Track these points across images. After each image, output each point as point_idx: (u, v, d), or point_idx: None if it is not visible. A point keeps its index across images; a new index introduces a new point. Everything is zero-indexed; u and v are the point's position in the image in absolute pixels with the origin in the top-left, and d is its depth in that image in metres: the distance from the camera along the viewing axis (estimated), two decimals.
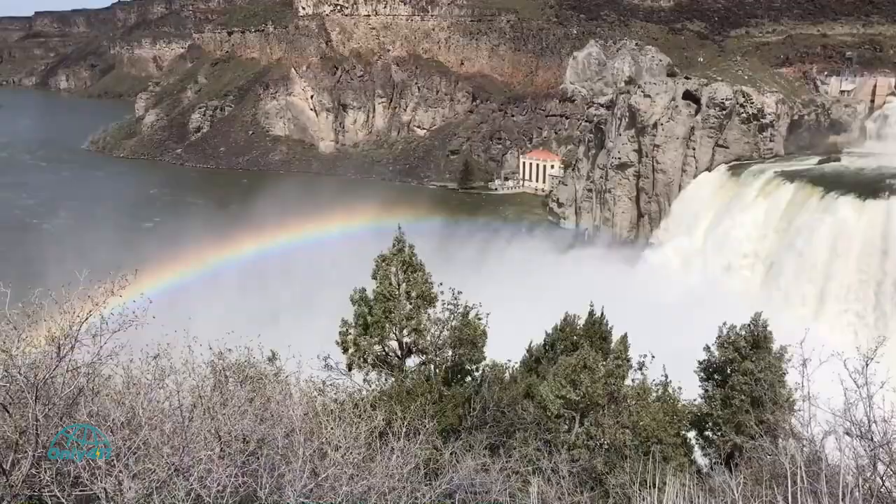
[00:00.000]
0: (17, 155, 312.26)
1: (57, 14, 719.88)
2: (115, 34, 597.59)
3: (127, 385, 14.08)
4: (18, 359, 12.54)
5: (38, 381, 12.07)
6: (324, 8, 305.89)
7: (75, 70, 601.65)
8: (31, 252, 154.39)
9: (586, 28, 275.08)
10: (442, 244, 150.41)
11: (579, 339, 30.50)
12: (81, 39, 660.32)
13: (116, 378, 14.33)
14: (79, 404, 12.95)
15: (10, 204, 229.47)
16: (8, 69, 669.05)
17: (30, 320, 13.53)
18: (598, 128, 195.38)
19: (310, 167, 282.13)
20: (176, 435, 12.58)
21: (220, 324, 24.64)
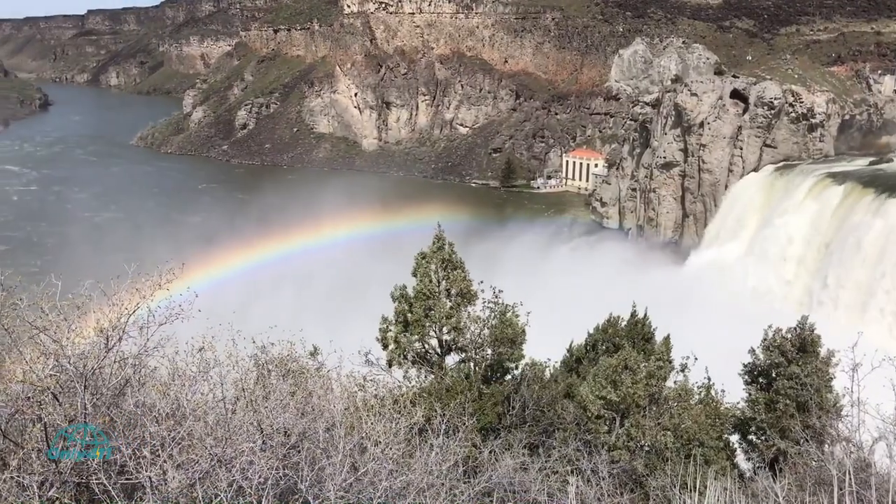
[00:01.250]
0: (69, 150, 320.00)
1: (108, 12, 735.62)
2: (164, 32, 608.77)
3: (172, 377, 14.34)
4: (68, 349, 12.85)
5: (86, 371, 12.36)
6: (369, 6, 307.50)
7: (125, 67, 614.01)
8: (82, 245, 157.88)
9: (632, 26, 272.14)
10: (483, 242, 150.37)
11: (621, 339, 30.24)
12: (132, 37, 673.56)
13: (162, 369, 14.60)
14: (125, 394, 13.24)
15: (63, 197, 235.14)
16: (61, 66, 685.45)
17: (79, 312, 13.85)
18: (643, 126, 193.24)
19: (353, 164, 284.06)
20: (219, 426, 12.78)
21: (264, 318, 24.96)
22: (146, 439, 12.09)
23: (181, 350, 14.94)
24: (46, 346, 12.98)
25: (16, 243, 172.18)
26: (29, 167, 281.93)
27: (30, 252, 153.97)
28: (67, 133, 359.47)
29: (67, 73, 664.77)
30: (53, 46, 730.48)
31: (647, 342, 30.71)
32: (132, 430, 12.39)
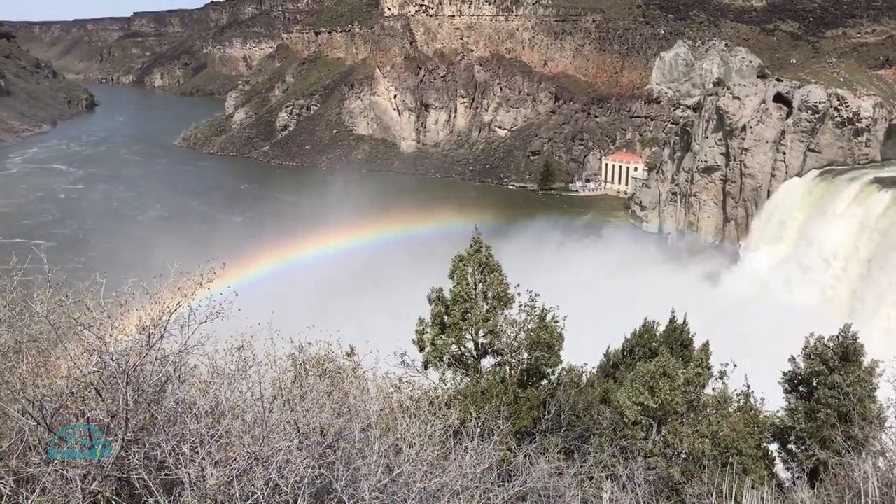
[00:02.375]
0: (114, 149, 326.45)
1: (153, 14, 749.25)
2: (207, 34, 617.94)
3: (212, 375, 14.54)
4: (111, 346, 13.11)
5: (128, 367, 12.60)
6: (409, 8, 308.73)
7: (169, 68, 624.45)
8: (126, 243, 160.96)
9: (674, 28, 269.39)
10: (520, 245, 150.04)
11: (659, 345, 29.95)
12: (176, 39, 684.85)
13: (202, 367, 14.81)
14: (166, 391, 13.47)
15: (108, 196, 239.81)
16: (107, 67, 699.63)
17: (123, 309, 14.13)
18: (684, 130, 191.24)
19: (391, 166, 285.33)
20: (257, 425, 12.94)
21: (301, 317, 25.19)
22: (186, 436, 12.29)
23: (220, 348, 15.15)
24: (90, 342, 13.26)
25: (61, 240, 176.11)
26: (76, 166, 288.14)
27: (74, 249, 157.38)
28: (113, 133, 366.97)
29: (113, 75, 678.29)
30: (100, 48, 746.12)
31: (685, 348, 30.38)
32: (172, 427, 12.60)
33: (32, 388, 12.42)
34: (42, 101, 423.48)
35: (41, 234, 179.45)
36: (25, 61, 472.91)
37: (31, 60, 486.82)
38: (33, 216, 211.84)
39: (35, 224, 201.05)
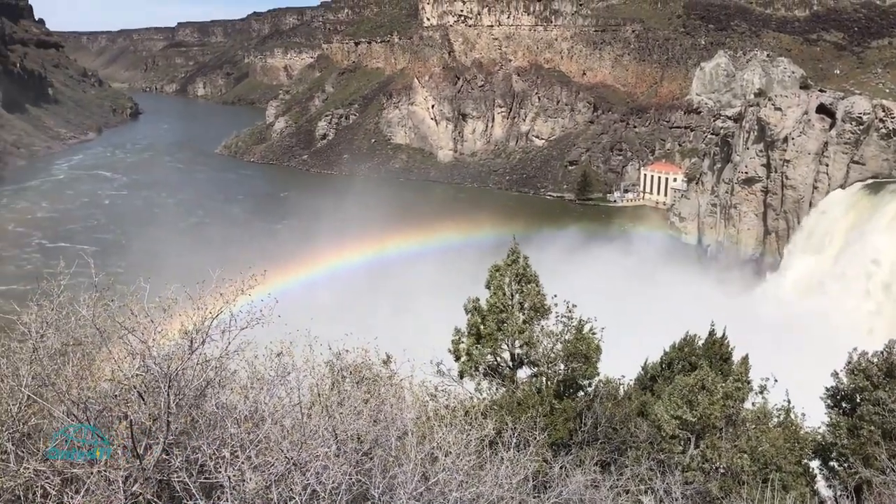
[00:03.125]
0: (157, 157, 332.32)
1: (197, 24, 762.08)
2: (249, 44, 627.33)
3: (251, 380, 14.72)
4: (154, 350, 13.36)
5: (171, 371, 12.81)
6: (448, 19, 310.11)
7: (212, 78, 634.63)
8: (169, 248, 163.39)
9: (715, 38, 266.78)
10: (557, 256, 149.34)
11: (698, 358, 29.62)
12: (218, 49, 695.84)
13: (242, 373, 15.00)
14: (207, 396, 13.66)
15: (152, 202, 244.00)
16: (151, 76, 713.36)
17: (166, 314, 14.39)
18: (725, 141, 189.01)
19: (428, 175, 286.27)
20: (295, 431, 13.06)
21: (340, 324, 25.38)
22: (226, 440, 12.45)
23: (260, 354, 15.33)
24: (134, 346, 13.53)
25: (106, 245, 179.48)
26: (120, 172, 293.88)
27: (118, 254, 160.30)
28: (156, 141, 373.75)
29: (157, 83, 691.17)
30: (145, 57, 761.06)
31: (724, 362, 30.00)
32: (212, 431, 12.78)
33: (77, 391, 12.68)
34: (88, 109, 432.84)
35: (86, 239, 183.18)
36: (73, 70, 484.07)
37: (79, 69, 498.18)
38: (79, 221, 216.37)
39: (80, 229, 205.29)
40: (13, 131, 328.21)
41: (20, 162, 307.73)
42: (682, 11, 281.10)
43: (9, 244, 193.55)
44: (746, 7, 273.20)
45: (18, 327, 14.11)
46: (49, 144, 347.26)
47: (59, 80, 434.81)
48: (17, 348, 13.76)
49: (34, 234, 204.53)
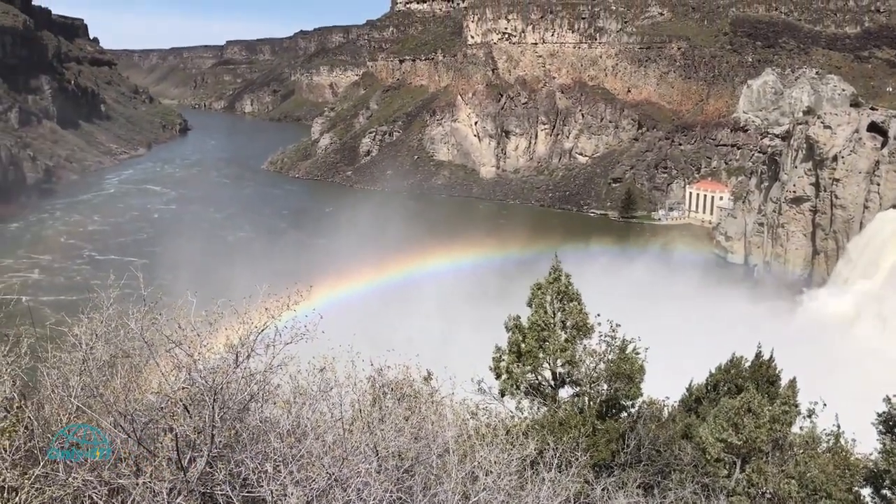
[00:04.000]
0: (205, 172, 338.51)
1: (245, 43, 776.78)
2: (296, 62, 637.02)
3: (294, 395, 14.82)
4: (200, 363, 13.52)
5: (216, 385, 12.95)
6: (492, 36, 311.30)
7: (259, 95, 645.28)
8: (216, 262, 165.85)
9: (762, 56, 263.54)
10: (600, 274, 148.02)
11: (744, 381, 29.05)
12: (266, 66, 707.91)
13: (285, 387, 15.11)
14: (250, 409, 13.78)
15: (200, 217, 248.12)
16: (200, 93, 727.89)
17: (212, 328, 14.58)
18: (772, 159, 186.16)
19: (470, 192, 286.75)
20: (337, 446, 13.09)
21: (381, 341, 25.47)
22: (269, 454, 12.54)
23: (303, 369, 15.43)
24: (180, 359, 13.72)
25: (154, 258, 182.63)
26: (169, 187, 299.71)
27: (166, 267, 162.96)
28: (204, 156, 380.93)
29: (206, 100, 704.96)
30: (194, 75, 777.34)
31: (771, 385, 29.38)
32: (256, 445, 12.88)
33: (124, 402, 12.88)
34: (139, 125, 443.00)
35: (135, 252, 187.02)
36: (125, 87, 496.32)
37: (130, 87, 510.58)
38: (128, 234, 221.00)
39: (130, 242, 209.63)
40: (66, 146, 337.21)
41: (73, 176, 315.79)
42: (728, 29, 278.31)
43: (61, 256, 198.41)
44: (795, 24, 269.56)
45: (69, 338, 14.38)
46: (100, 159, 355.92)
47: (111, 96, 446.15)
48: (68, 359, 14.03)
49: (85, 246, 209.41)
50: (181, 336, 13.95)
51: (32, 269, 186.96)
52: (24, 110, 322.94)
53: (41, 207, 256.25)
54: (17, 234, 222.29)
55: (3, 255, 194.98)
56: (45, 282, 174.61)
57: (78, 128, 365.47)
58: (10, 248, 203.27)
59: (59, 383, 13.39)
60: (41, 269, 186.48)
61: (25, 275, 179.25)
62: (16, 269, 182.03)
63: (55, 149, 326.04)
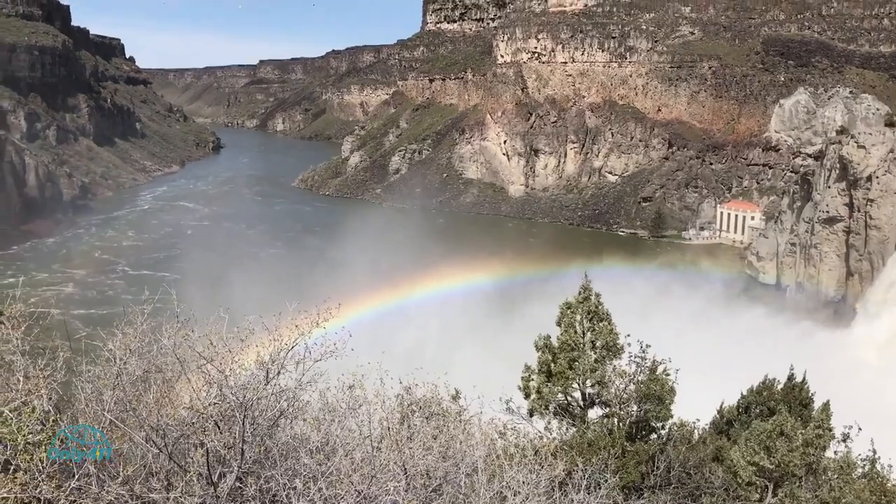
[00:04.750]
0: (237, 189, 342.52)
1: (278, 62, 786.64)
2: (327, 81, 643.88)
3: (323, 412, 14.89)
4: (231, 379, 13.66)
5: (246, 401, 13.07)
6: (522, 56, 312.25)
7: (290, 113, 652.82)
8: (247, 279, 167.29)
9: (794, 75, 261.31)
10: (631, 293, 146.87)
11: (777, 403, 28.62)
12: (298, 85, 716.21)
13: (314, 404, 15.19)
14: (280, 426, 13.87)
15: (232, 233, 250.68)
16: (233, 112, 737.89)
17: (243, 345, 14.73)
18: (805, 179, 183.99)
19: (499, 210, 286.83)
20: (365, 464, 13.12)
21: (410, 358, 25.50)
22: (298, 471, 12.60)
23: (333, 386, 15.51)
24: (212, 375, 13.86)
25: (187, 273, 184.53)
26: (202, 204, 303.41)
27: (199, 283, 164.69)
28: (236, 174, 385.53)
29: (238, 119, 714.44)
30: (227, 94, 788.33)
31: (804, 408, 28.91)
32: (285, 461, 12.95)
33: (157, 417, 13.05)
34: (172, 143, 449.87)
35: (168, 268, 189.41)
36: (159, 106, 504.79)
37: (165, 105, 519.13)
38: (162, 250, 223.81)
39: (163, 258, 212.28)
40: (102, 163, 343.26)
41: (108, 193, 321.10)
42: (760, 48, 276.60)
43: (94, 270, 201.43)
44: (828, 43, 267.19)
45: (103, 353, 14.60)
46: (135, 176, 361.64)
47: (146, 114, 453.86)
48: (102, 373, 14.24)
49: (119, 261, 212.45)
50: (213, 352, 14.10)
51: (66, 283, 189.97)
52: (61, 128, 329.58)
53: (77, 223, 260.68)
54: (53, 249, 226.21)
55: (39, 269, 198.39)
56: (78, 296, 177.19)
57: (113, 145, 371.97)
58: (46, 262, 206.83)
59: (93, 397, 13.59)
60: (75, 284, 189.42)
61: (59, 289, 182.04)
62: (50, 284, 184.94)
63: (91, 166, 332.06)
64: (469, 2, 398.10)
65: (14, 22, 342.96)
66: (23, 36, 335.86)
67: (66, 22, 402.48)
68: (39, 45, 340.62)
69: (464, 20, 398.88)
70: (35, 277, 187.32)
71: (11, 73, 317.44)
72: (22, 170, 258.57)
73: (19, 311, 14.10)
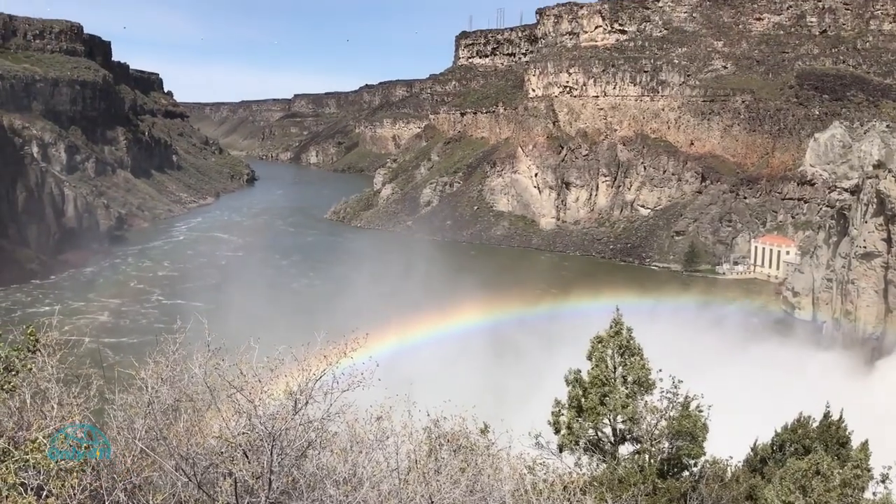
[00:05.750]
0: (272, 220, 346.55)
1: (312, 96, 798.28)
2: (360, 114, 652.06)
3: (351, 443, 14.88)
4: (260, 409, 13.74)
5: (274, 431, 13.13)
6: (553, 90, 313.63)
7: (324, 146, 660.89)
8: (279, 309, 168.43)
9: (829, 109, 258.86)
10: (663, 328, 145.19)
11: (812, 442, 28.04)
12: (331, 119, 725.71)
13: (342, 435, 15.20)
14: (308, 456, 13.89)
15: (267, 263, 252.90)
16: (268, 144, 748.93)
17: (272, 374, 14.83)
18: (841, 214, 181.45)
19: (530, 242, 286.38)
20: (392, 496, 13.08)
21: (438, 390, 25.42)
22: (325, 502, 12.58)
23: (360, 417, 15.52)
24: (241, 404, 13.96)
25: (220, 303, 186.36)
26: (236, 235, 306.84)
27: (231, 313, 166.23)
28: (270, 205, 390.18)
29: (273, 152, 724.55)
30: (262, 127, 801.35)
31: (841, 447, 28.27)
32: (312, 492, 12.95)
33: (187, 446, 13.14)
34: (208, 175, 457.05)
35: (202, 297, 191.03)
36: (196, 139, 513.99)
37: (201, 138, 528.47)
38: (196, 280, 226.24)
39: (197, 287, 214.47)
40: (138, 195, 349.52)
41: (144, 224, 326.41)
42: (794, 82, 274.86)
43: (130, 300, 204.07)
44: (864, 77, 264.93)
45: (135, 381, 14.77)
46: (170, 208, 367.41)
47: (182, 147, 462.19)
48: (133, 402, 14.40)
49: (153, 291, 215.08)
50: (242, 381, 14.22)
51: (102, 311, 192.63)
52: (100, 160, 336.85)
53: (113, 253, 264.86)
54: (90, 278, 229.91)
55: (76, 298, 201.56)
56: (111, 324, 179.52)
57: (150, 177, 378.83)
58: (82, 292, 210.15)
59: (125, 425, 13.74)
60: (110, 312, 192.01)
61: (94, 317, 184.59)
62: (85, 312, 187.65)
63: (128, 197, 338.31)
64: (501, 37, 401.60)
65: (58, 57, 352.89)
66: (65, 71, 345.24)
67: (107, 57, 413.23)
68: (81, 79, 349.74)
69: (495, 55, 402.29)
70: (71, 306, 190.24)
71: (53, 107, 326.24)
72: (61, 201, 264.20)
73: (54, 340, 14.35)
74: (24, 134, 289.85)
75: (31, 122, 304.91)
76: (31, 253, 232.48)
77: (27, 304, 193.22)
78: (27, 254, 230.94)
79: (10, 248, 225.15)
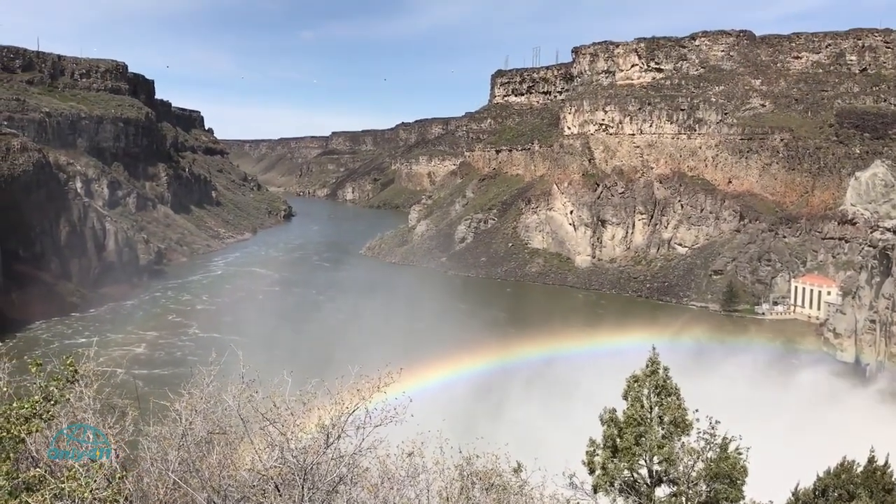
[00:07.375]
0: (307, 255, 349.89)
1: (349, 134, 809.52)
2: (396, 151, 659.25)
3: (382, 478, 14.78)
4: (292, 442, 13.75)
5: (306, 465, 13.12)
6: (589, 128, 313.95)
7: (360, 183, 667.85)
8: (314, 343, 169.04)
9: (871, 147, 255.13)
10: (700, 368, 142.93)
11: (856, 487, 27.19)
12: (368, 156, 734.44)
13: (373, 470, 15.11)
14: (339, 491, 13.83)
15: (302, 298, 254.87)
16: (305, 181, 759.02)
17: (305, 408, 14.85)
18: (884, 253, 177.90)
19: (565, 280, 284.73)
20: None
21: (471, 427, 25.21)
22: None
23: (392, 453, 15.43)
24: (274, 437, 13.98)
25: (255, 337, 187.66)
26: (273, 269, 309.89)
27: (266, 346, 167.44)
28: (306, 241, 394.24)
29: (310, 188, 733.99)
30: (300, 164, 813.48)
31: (887, 493, 27.38)
32: None
33: (219, 478, 13.17)
34: (246, 210, 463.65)
35: (237, 331, 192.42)
36: (234, 175, 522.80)
37: (240, 174, 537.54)
38: (233, 314, 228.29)
39: (234, 321, 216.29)
40: (178, 230, 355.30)
41: (182, 258, 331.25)
42: (833, 120, 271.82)
43: (167, 332, 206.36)
44: None
45: (170, 413, 14.88)
46: (209, 243, 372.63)
47: (221, 183, 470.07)
48: (168, 433, 14.48)
49: (191, 323, 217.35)
50: (275, 414, 14.26)
51: (139, 343, 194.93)
52: (141, 196, 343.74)
53: (153, 287, 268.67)
54: (130, 311, 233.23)
55: (115, 330, 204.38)
56: (145, 356, 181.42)
57: (189, 212, 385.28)
58: (121, 324, 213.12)
59: (159, 457, 13.82)
60: (147, 344, 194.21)
61: (130, 349, 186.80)
62: (122, 344, 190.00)
63: (167, 232, 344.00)
64: (536, 75, 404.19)
65: (103, 96, 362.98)
66: (110, 109, 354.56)
67: (150, 95, 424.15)
68: (124, 117, 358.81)
69: (531, 93, 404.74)
70: (108, 338, 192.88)
71: (97, 144, 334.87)
72: (102, 235, 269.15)
73: (92, 370, 14.54)
74: (68, 170, 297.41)
75: (75, 159, 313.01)
76: (72, 286, 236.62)
77: (66, 336, 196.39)
78: (68, 287, 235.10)
79: (52, 281, 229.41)
